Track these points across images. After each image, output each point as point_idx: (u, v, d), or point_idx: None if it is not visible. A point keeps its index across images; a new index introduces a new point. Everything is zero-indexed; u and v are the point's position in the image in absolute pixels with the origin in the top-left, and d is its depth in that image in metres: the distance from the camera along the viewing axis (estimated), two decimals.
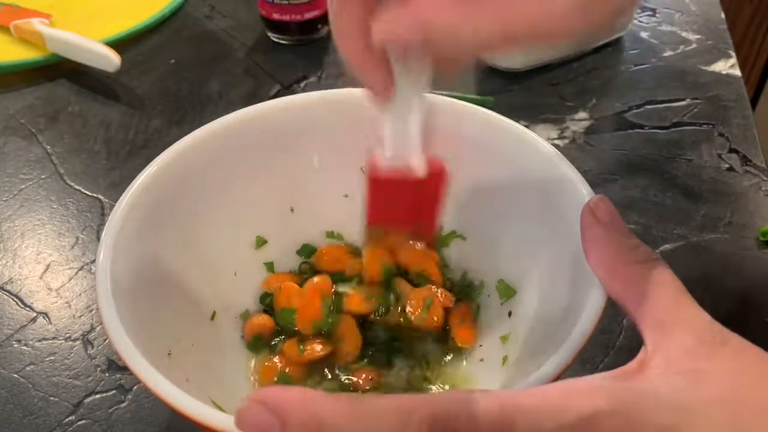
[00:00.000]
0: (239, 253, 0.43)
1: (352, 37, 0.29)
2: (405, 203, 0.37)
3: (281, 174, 0.43)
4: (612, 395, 0.23)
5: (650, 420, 0.23)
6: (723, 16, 0.74)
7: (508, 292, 0.41)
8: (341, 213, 0.45)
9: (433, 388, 0.40)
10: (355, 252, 0.45)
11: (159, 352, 0.33)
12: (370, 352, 0.42)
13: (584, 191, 0.35)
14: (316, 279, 0.43)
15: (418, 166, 0.35)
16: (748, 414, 0.23)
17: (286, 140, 0.43)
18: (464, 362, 0.41)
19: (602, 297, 0.30)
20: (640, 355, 0.26)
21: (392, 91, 0.31)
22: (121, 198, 0.36)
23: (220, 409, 0.34)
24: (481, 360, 0.41)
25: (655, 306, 0.27)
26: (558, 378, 0.28)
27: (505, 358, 0.39)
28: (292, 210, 0.45)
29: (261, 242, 0.44)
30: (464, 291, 0.44)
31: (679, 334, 0.25)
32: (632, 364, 0.26)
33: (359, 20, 0.29)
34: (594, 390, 0.24)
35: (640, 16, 0.74)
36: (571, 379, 0.24)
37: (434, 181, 0.36)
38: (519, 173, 0.39)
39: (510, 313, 0.41)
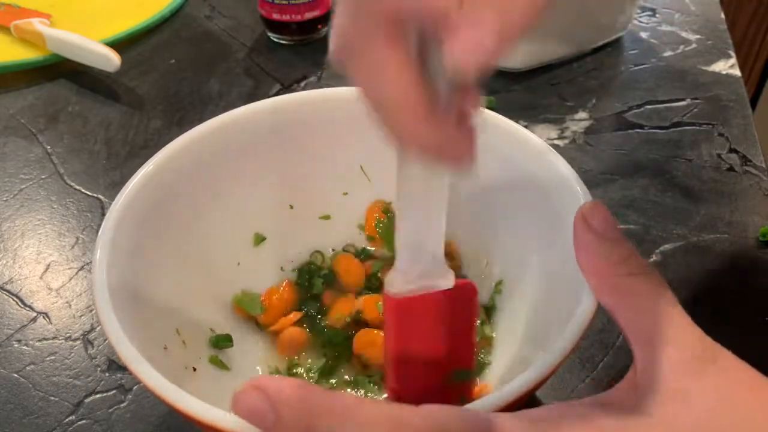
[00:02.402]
0: (237, 251, 0.43)
1: (411, 98, 0.24)
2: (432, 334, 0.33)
3: (280, 172, 0.43)
4: (603, 425, 0.24)
5: None
6: (723, 16, 0.74)
7: (500, 290, 0.41)
8: (340, 211, 0.45)
9: None
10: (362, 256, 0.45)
11: (156, 350, 0.33)
12: None
13: (581, 191, 0.35)
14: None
15: (445, 281, 0.31)
16: None
17: (286, 138, 0.43)
18: None
19: (593, 302, 0.30)
20: (630, 374, 0.26)
21: (475, 151, 0.26)
22: (118, 196, 0.36)
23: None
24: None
25: (644, 321, 0.26)
26: (545, 380, 0.28)
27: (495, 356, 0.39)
28: (291, 207, 0.45)
29: (259, 239, 0.44)
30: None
31: (668, 351, 0.25)
32: (621, 385, 0.26)
33: (410, 73, 0.24)
34: (585, 418, 0.24)
35: (640, 16, 0.74)
36: (564, 403, 0.25)
37: (465, 304, 0.33)
38: (516, 173, 0.39)
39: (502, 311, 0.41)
